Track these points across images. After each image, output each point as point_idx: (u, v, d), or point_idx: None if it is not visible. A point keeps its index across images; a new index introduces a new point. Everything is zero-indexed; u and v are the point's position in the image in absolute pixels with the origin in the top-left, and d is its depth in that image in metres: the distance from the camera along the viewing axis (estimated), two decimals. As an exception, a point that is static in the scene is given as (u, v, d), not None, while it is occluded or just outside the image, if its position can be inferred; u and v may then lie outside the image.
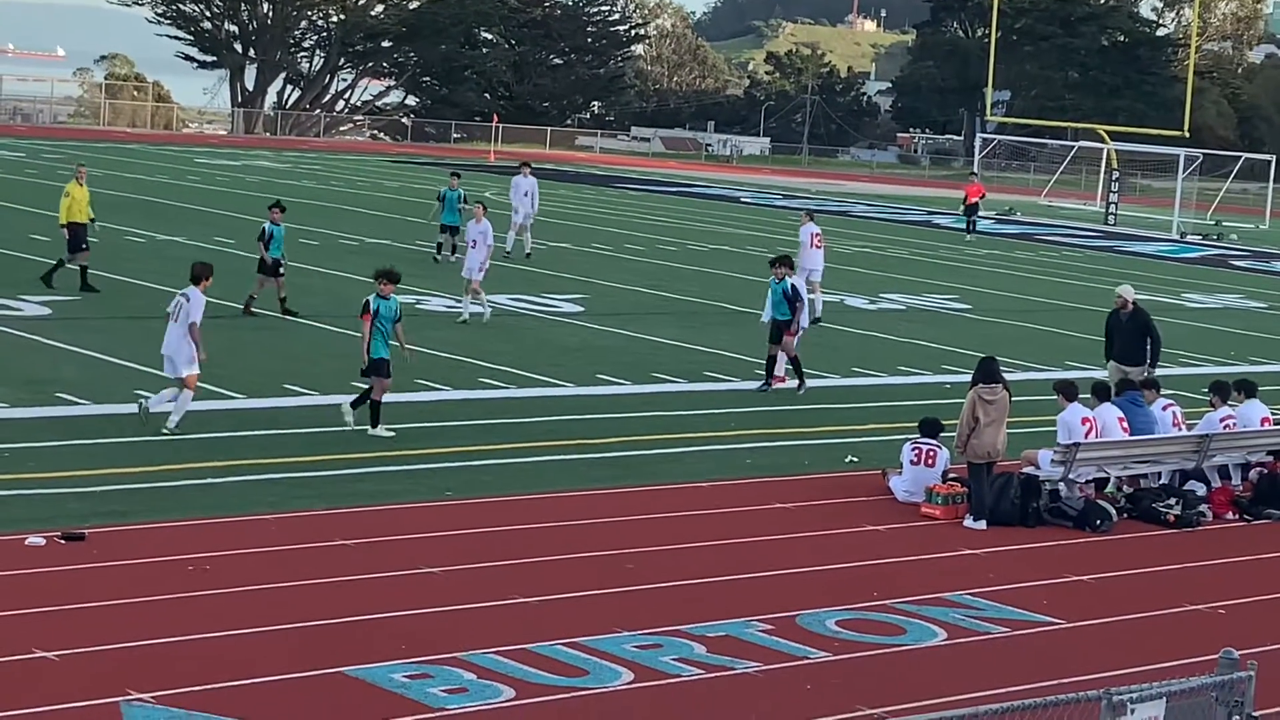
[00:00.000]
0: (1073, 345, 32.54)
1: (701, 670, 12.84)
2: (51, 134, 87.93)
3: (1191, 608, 15.68)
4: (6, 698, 11.13)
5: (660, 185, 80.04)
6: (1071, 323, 36.34)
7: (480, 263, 29.76)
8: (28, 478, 16.96)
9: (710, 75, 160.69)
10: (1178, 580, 16.72)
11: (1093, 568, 16.82)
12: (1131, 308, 23.85)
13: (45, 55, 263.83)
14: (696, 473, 19.62)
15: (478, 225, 30.24)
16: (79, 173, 31.98)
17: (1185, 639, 14.59)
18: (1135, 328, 23.77)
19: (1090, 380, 21.64)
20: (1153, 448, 19.76)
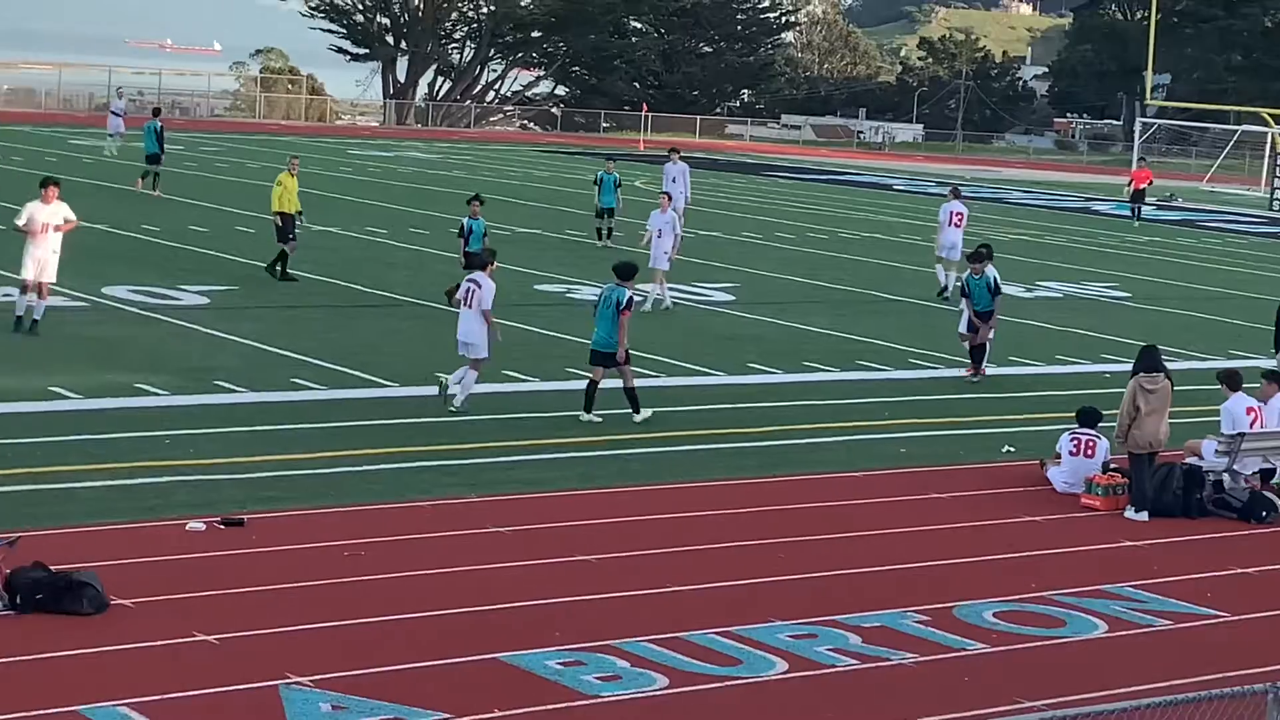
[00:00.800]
0: (1237, 333, 31.89)
1: (856, 661, 12.71)
2: (208, 127, 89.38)
3: (1361, 602, 15.26)
4: (169, 680, 11.28)
5: (811, 173, 79.66)
6: (1236, 311, 35.62)
7: (666, 251, 30.00)
8: (188, 464, 17.21)
9: (862, 62, 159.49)
10: (1347, 573, 16.28)
11: (1258, 560, 16.44)
12: None
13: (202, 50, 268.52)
14: (849, 462, 19.46)
15: (663, 215, 30.57)
16: (291, 164, 32.47)
17: (1355, 634, 14.21)
18: None
19: (1256, 369, 21.15)
20: (1320, 438, 19.26)
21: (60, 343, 23.41)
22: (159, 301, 27.41)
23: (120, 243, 34.84)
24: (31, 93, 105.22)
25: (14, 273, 25.19)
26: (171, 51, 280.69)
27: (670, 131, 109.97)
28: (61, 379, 20.76)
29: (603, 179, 40.06)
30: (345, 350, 24.04)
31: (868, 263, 40.64)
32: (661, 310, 29.53)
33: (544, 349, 25.43)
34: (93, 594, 12.56)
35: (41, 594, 12.50)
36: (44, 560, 12.90)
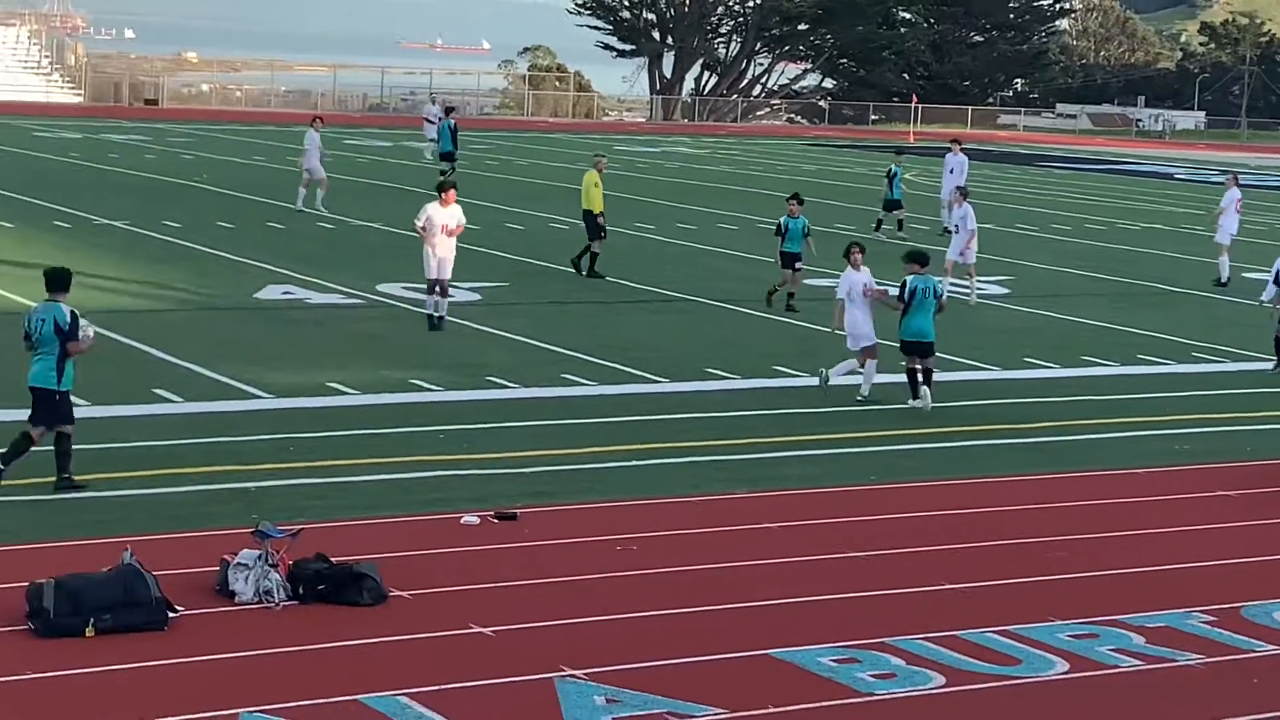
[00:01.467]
0: None
1: (1140, 661, 12.33)
2: (478, 125, 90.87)
3: None
4: (446, 671, 11.41)
5: (1087, 163, 78.04)
6: None
7: (962, 247, 29.85)
8: (462, 459, 17.44)
9: (1140, 48, 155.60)
10: None
11: None
12: None
13: (471, 49, 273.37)
14: (1130, 459, 18.94)
15: (959, 209, 30.33)
16: (598, 162, 32.96)
17: None
18: None
19: None
20: None
21: (337, 339, 23.95)
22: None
23: (395, 240, 35.54)
24: (307, 94, 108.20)
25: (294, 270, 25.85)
26: (442, 51, 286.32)
27: (940, 123, 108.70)
28: (339, 375, 21.23)
29: (894, 173, 39.83)
30: (615, 346, 24.17)
31: (1147, 254, 39.63)
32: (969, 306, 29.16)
33: (814, 344, 25.24)
34: (372, 585, 12.78)
35: (323, 585, 12.76)
36: (325, 552, 13.17)
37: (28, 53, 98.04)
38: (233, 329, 24.52)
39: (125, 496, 15.48)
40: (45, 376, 15.55)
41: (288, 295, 27.61)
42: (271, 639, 11.90)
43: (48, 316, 15.58)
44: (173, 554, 13.46)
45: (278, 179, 49.11)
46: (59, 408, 15.60)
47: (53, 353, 15.53)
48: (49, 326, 15.53)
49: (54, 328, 15.51)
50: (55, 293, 15.73)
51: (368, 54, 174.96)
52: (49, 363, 15.54)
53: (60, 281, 15.82)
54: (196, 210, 39.20)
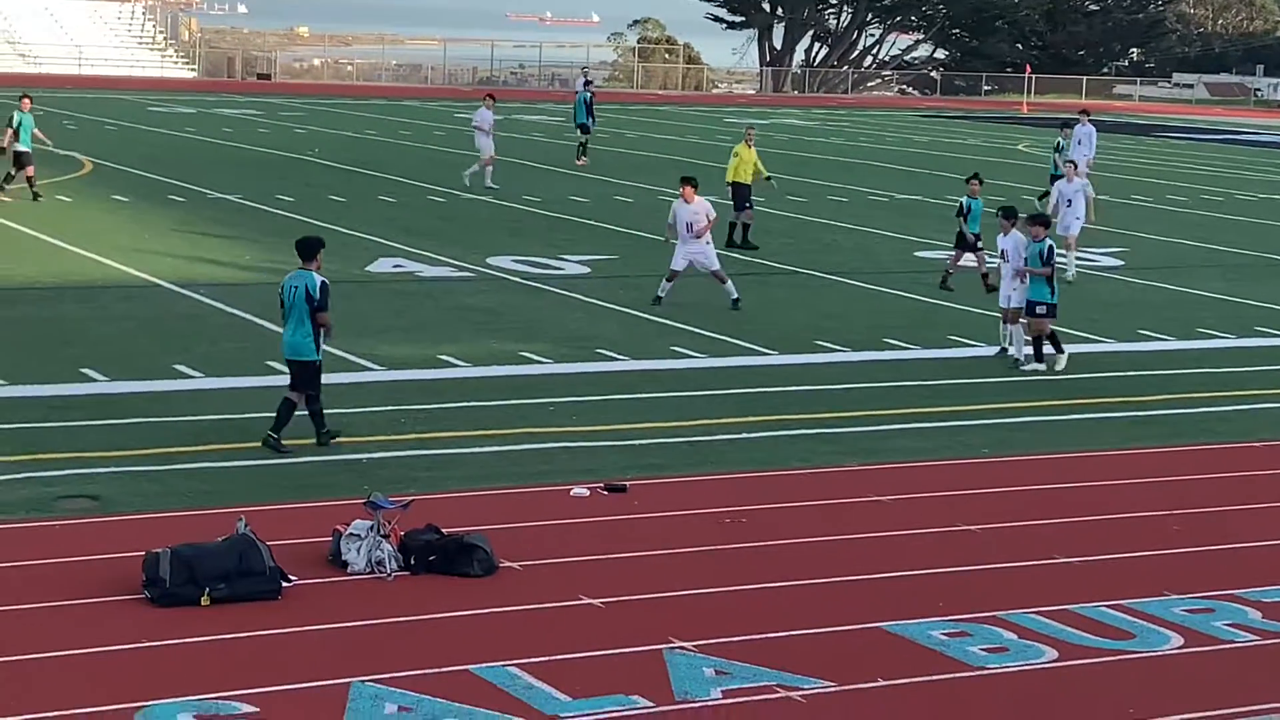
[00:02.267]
0: None
1: (1257, 637, 12.15)
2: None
3: None
4: (556, 642, 11.44)
5: (1204, 133, 76.95)
6: None
7: (1079, 218, 29.57)
8: (571, 430, 17.48)
9: (1259, 16, 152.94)
10: None
11: None
12: None
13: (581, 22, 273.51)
14: (1248, 431, 18.67)
15: (1070, 185, 29.79)
16: (747, 134, 33.23)
17: None
18: None
19: None
20: None
21: (448, 312, 24.07)
22: (541, 271, 27.96)
23: (504, 213, 35.67)
24: (418, 68, 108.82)
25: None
26: (551, 24, 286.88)
27: (1054, 93, 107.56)
28: (450, 348, 21.34)
29: (1061, 146, 39.18)
30: (725, 318, 24.12)
31: (1266, 224, 39.03)
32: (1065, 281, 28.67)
33: (924, 317, 25.09)
34: (482, 556, 12.84)
35: (434, 556, 12.84)
36: (436, 523, 13.25)
37: (143, 28, 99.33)
38: (344, 302, 24.60)
39: (240, 467, 15.65)
40: (304, 347, 16.27)
41: (398, 268, 27.78)
42: (383, 609, 11.99)
43: (299, 284, 16.23)
44: (286, 524, 13.59)
45: (389, 153, 49.42)
46: (316, 376, 16.39)
47: (304, 320, 16.21)
48: (300, 294, 16.18)
49: (304, 295, 16.15)
50: (306, 261, 16.33)
51: (477, 27, 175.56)
52: (305, 331, 16.22)
53: (308, 250, 16.38)
54: (308, 184, 39.53)
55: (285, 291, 16.37)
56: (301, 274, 16.31)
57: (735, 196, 31.89)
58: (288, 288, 16.36)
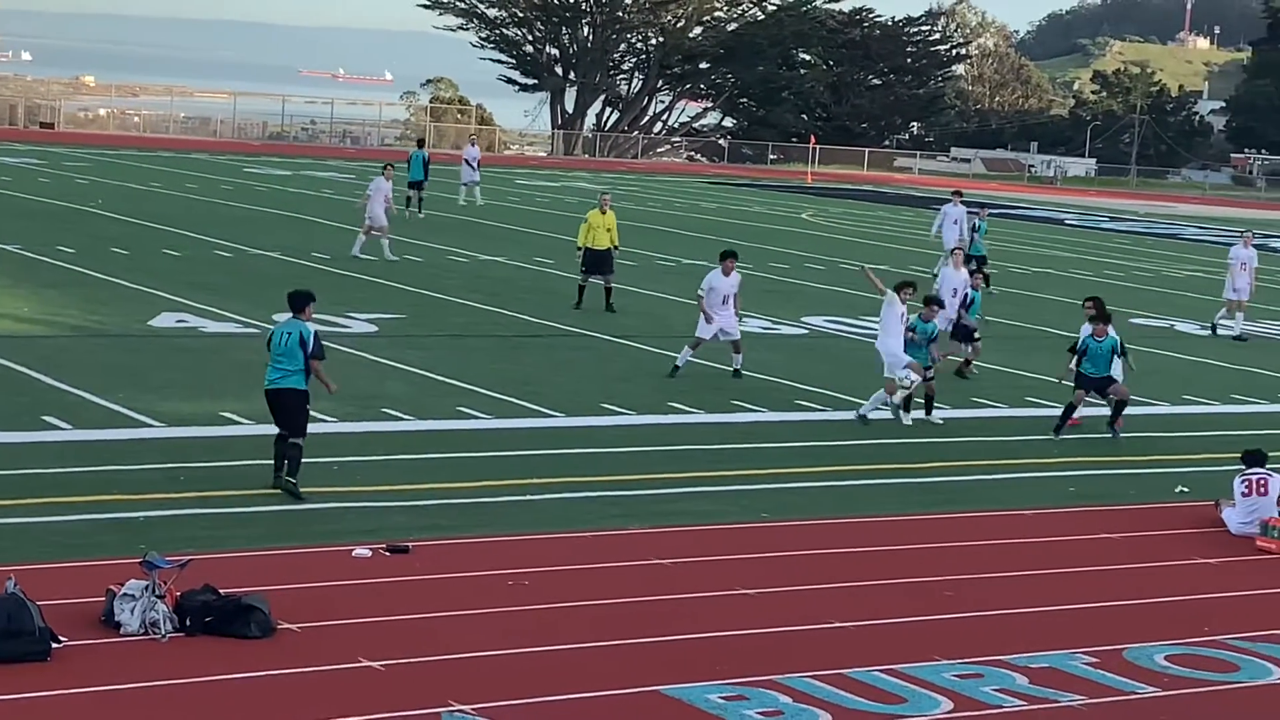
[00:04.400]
0: None
1: (1024, 702, 12.48)
2: (379, 156, 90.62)
3: None
4: (334, 705, 11.35)
5: (981, 207, 78.85)
6: None
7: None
8: (355, 490, 17.38)
9: (1034, 95, 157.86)
10: None
11: None
12: None
13: (374, 80, 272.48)
14: (1018, 500, 19.18)
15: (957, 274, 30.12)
16: (602, 201, 33.45)
17: None
18: None
19: None
20: None
21: (231, 368, 23.78)
22: (328, 329, 27.70)
23: (291, 269, 35.36)
24: (207, 121, 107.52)
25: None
26: (344, 81, 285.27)
27: (838, 164, 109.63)
28: (232, 404, 21.09)
29: (978, 226, 39.96)
30: (511, 380, 24.17)
31: (1038, 297, 40.12)
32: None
33: (709, 381, 25.38)
34: (260, 618, 12.70)
35: (211, 617, 12.67)
36: (213, 583, 13.08)
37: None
38: (125, 356, 24.30)
39: (10, 525, 15.30)
40: (296, 380, 17.20)
41: (182, 323, 27.41)
42: (157, 671, 11.80)
43: (293, 331, 17.27)
44: (58, 583, 13.31)
45: (174, 206, 48.75)
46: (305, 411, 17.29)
47: (295, 359, 17.16)
48: (294, 340, 17.20)
49: (299, 340, 17.18)
50: (297, 313, 17.50)
51: (268, 81, 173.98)
52: (297, 367, 17.17)
53: (298, 301, 17.60)
54: (91, 236, 38.83)
55: (276, 338, 17.32)
56: (294, 323, 17.35)
57: (587, 261, 32.17)
58: (279, 334, 17.31)
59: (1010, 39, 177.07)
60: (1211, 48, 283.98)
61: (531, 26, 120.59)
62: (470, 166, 56.11)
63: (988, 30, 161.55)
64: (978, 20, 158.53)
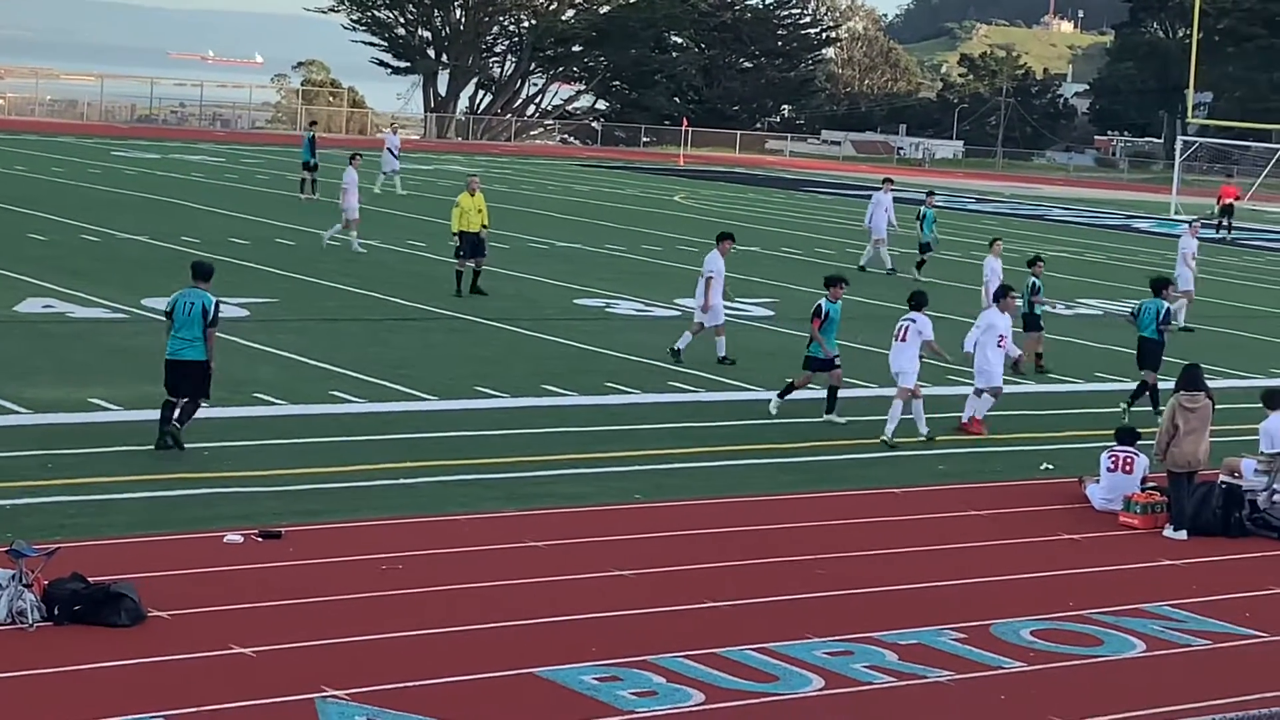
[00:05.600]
0: (1279, 352, 31.68)
1: (893, 678, 12.66)
2: (249, 139, 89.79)
3: (1403, 623, 15.14)
4: (206, 693, 11.30)
5: (851, 189, 79.55)
6: (1277, 329, 35.39)
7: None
8: (226, 476, 17.27)
9: (902, 78, 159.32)
10: (1388, 595, 16.15)
11: (1298, 580, 16.33)
12: None
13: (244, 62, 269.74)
14: (889, 479, 19.42)
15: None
16: (470, 183, 33.25)
17: (1397, 656, 14.09)
18: None
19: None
20: (1362, 457, 19.11)
21: (99, 354, 23.52)
22: (199, 313, 27.46)
23: (160, 254, 35.00)
24: (74, 104, 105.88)
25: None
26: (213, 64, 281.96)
27: (710, 146, 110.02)
28: (101, 390, 20.86)
29: (924, 214, 40.23)
30: (384, 363, 24.09)
31: (908, 279, 40.50)
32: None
33: (583, 363, 25.45)
34: (130, 606, 12.60)
35: (79, 605, 12.55)
36: (82, 572, 12.95)
37: None
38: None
39: (-126, 514, 15.05)
40: (198, 351, 18.00)
41: (49, 309, 27.04)
42: (24, 661, 11.67)
43: (195, 301, 18.00)
44: (-77, 573, 13.12)
45: (40, 190, 48.02)
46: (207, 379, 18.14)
47: (194, 329, 17.92)
48: (196, 310, 17.95)
49: (200, 311, 17.93)
50: (201, 281, 18.24)
51: (137, 64, 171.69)
52: (196, 337, 17.95)
53: (203, 271, 18.41)
54: (-47, 220, 38.14)
55: (179, 307, 17.99)
56: (196, 292, 18.09)
57: (464, 244, 31.97)
58: (181, 303, 18.00)
59: (879, 22, 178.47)
60: (1075, 31, 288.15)
61: (404, 9, 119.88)
62: (392, 154, 55.45)
63: (857, 14, 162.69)
64: (847, 4, 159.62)
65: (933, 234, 40.56)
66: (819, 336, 22.36)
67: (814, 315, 22.47)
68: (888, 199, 41.95)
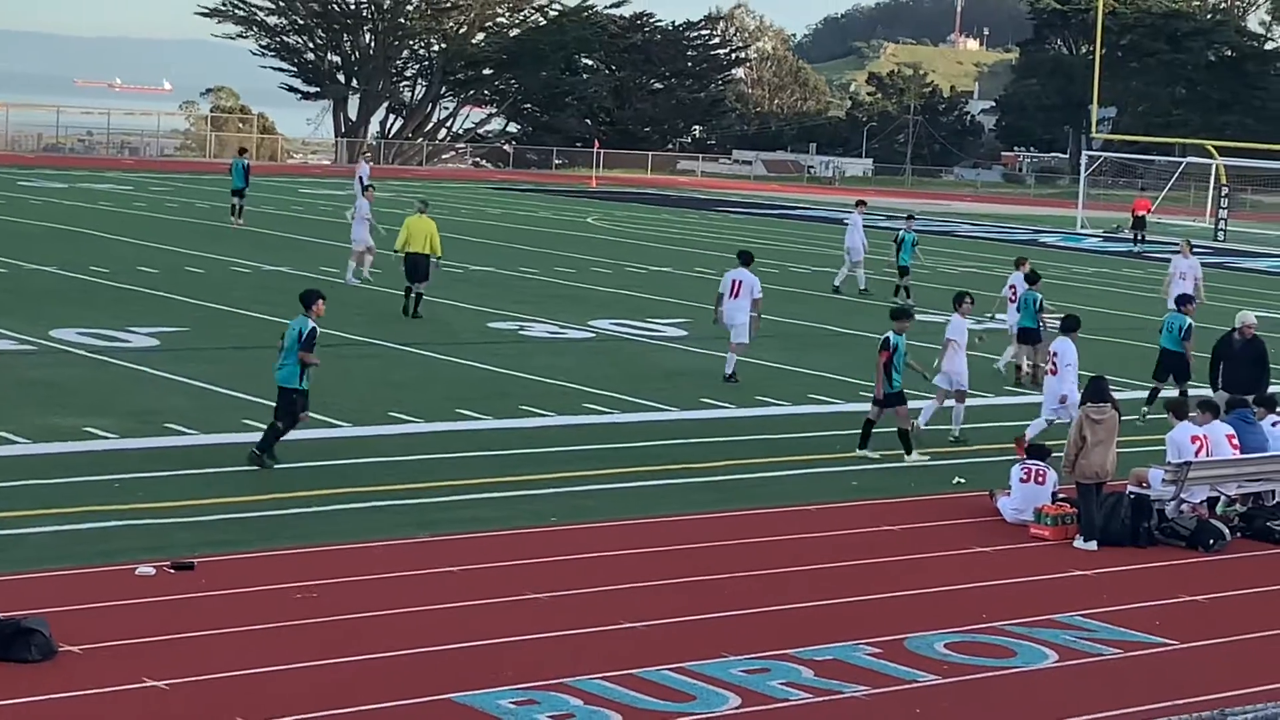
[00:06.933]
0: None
1: (809, 694, 12.73)
2: (159, 167, 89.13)
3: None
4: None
5: (763, 208, 79.93)
6: (1181, 340, 35.78)
7: None
8: (137, 508, 17.13)
9: (811, 97, 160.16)
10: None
11: (1206, 588, 16.56)
12: (1251, 335, 23.50)
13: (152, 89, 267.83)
14: (802, 496, 19.51)
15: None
16: (420, 207, 34.27)
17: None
18: (1251, 356, 23.36)
19: (1200, 399, 21.29)
20: (1265, 465, 19.43)
21: (6, 387, 23.27)
22: (107, 344, 27.29)
23: (69, 284, 34.70)
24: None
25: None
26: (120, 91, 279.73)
27: (622, 168, 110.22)
28: (9, 424, 20.64)
29: (903, 238, 40.29)
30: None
31: (814, 295, 40.76)
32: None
33: (497, 386, 25.43)
34: (41, 640, 12.47)
35: (-11, 641, 12.42)
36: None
37: None
38: (-105, 377, 23.64)
39: None
40: (288, 377, 19.27)
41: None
42: (-66, 698, 11.54)
43: (296, 328, 19.28)
44: None
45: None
46: (299, 402, 19.31)
47: (293, 359, 19.19)
48: (293, 335, 19.22)
49: (296, 336, 19.17)
50: (305, 310, 19.51)
51: (43, 92, 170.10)
52: (293, 365, 19.19)
53: (305, 299, 19.71)
54: None
55: (288, 333, 19.34)
56: (299, 319, 19.33)
57: (409, 266, 32.61)
58: (289, 331, 19.36)
59: (788, 42, 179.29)
60: (981, 49, 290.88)
61: (312, 34, 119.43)
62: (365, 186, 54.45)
63: (766, 34, 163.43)
64: (756, 24, 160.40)
65: (913, 258, 40.72)
66: (880, 373, 21.63)
67: (881, 348, 21.72)
68: (860, 220, 42.19)
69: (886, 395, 21.65)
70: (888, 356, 21.61)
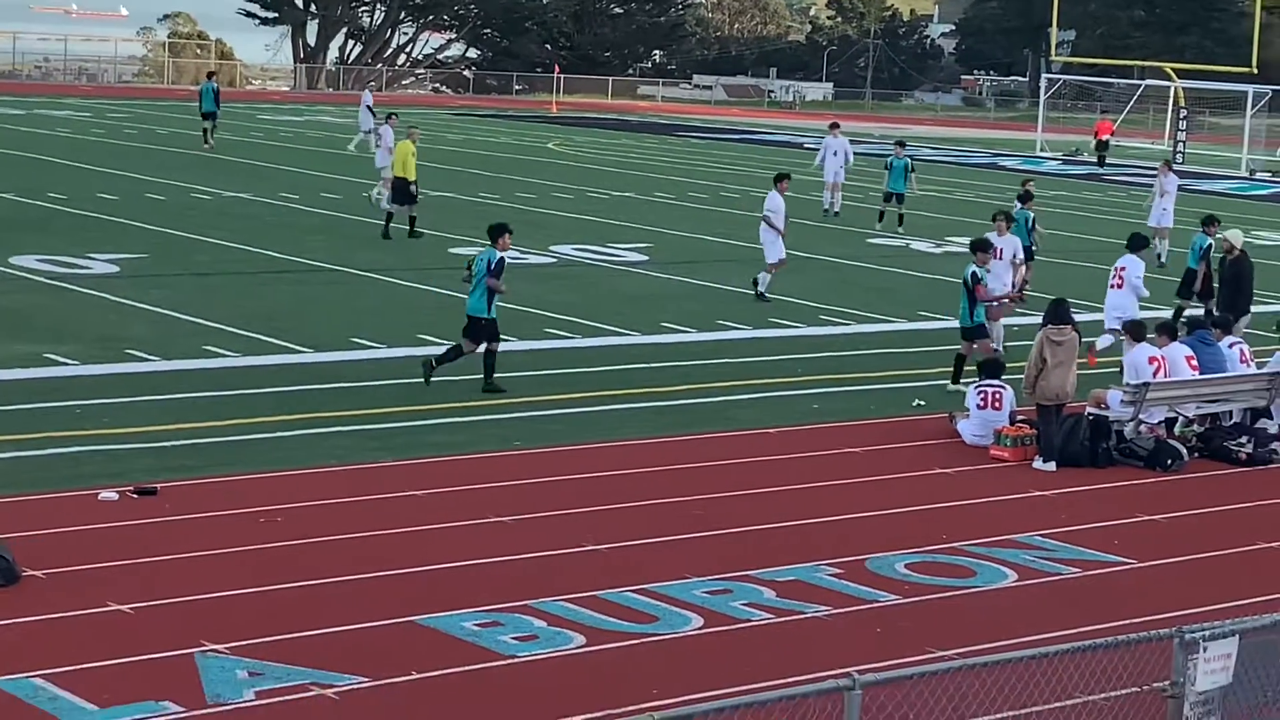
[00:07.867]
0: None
1: (771, 615, 12.84)
2: (116, 93, 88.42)
3: (1265, 546, 15.57)
4: (84, 651, 11.25)
5: (723, 133, 79.77)
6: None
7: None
8: (99, 433, 17.12)
9: (771, 21, 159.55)
10: (1250, 518, 16.58)
11: (1164, 507, 16.72)
12: (1237, 253, 23.71)
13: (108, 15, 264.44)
14: (763, 419, 19.60)
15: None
16: (411, 133, 34.93)
17: (1258, 577, 14.49)
18: (1229, 275, 23.57)
19: (1159, 320, 21.44)
20: (1223, 386, 19.59)
21: (-33, 314, 23.17)
22: (68, 270, 27.17)
23: (28, 211, 34.49)
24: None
25: None
26: (77, 17, 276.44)
27: (583, 93, 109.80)
28: (-31, 350, 20.57)
29: (892, 163, 40.04)
30: (258, 317, 23.94)
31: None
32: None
33: (459, 313, 25.37)
34: (4, 565, 12.49)
35: (-48, 567, 12.43)
36: (-46, 533, 12.83)
37: None
38: None
39: None
40: (478, 306, 20.07)
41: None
42: (-101, 624, 11.56)
43: (484, 258, 20.05)
44: None
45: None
46: (487, 329, 20.05)
47: (480, 286, 19.95)
48: (481, 266, 19.98)
49: (484, 266, 19.92)
50: (493, 241, 20.30)
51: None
52: (481, 294, 19.99)
53: (491, 232, 20.53)
54: None
55: (476, 264, 20.07)
56: (488, 250, 20.14)
57: (405, 191, 33.40)
58: (478, 261, 20.11)
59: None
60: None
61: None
62: (370, 112, 53.76)
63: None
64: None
65: (909, 187, 40.24)
66: (984, 296, 21.38)
67: (975, 282, 21.22)
68: (838, 143, 41.98)
69: (971, 328, 21.32)
70: (982, 291, 21.36)
